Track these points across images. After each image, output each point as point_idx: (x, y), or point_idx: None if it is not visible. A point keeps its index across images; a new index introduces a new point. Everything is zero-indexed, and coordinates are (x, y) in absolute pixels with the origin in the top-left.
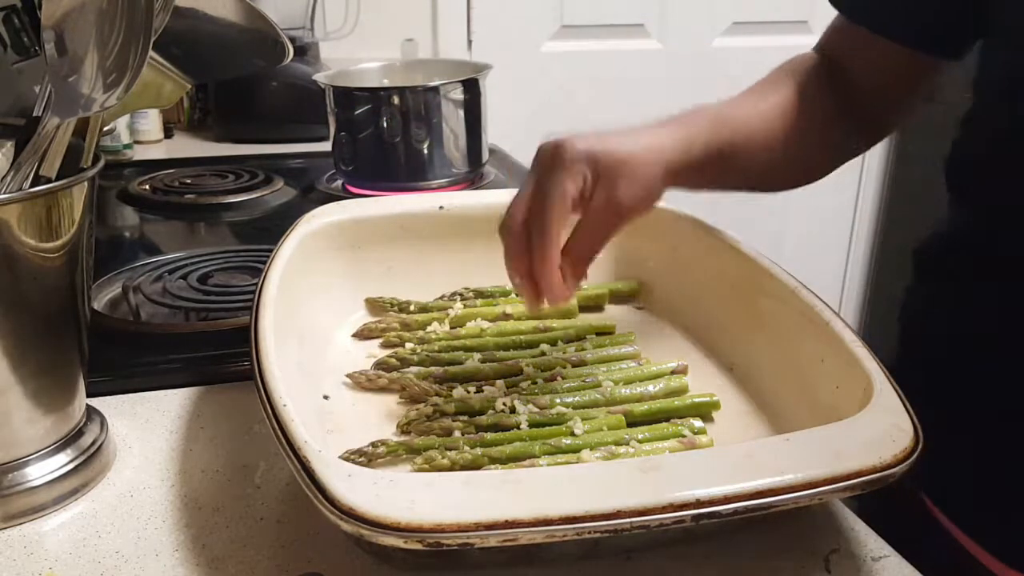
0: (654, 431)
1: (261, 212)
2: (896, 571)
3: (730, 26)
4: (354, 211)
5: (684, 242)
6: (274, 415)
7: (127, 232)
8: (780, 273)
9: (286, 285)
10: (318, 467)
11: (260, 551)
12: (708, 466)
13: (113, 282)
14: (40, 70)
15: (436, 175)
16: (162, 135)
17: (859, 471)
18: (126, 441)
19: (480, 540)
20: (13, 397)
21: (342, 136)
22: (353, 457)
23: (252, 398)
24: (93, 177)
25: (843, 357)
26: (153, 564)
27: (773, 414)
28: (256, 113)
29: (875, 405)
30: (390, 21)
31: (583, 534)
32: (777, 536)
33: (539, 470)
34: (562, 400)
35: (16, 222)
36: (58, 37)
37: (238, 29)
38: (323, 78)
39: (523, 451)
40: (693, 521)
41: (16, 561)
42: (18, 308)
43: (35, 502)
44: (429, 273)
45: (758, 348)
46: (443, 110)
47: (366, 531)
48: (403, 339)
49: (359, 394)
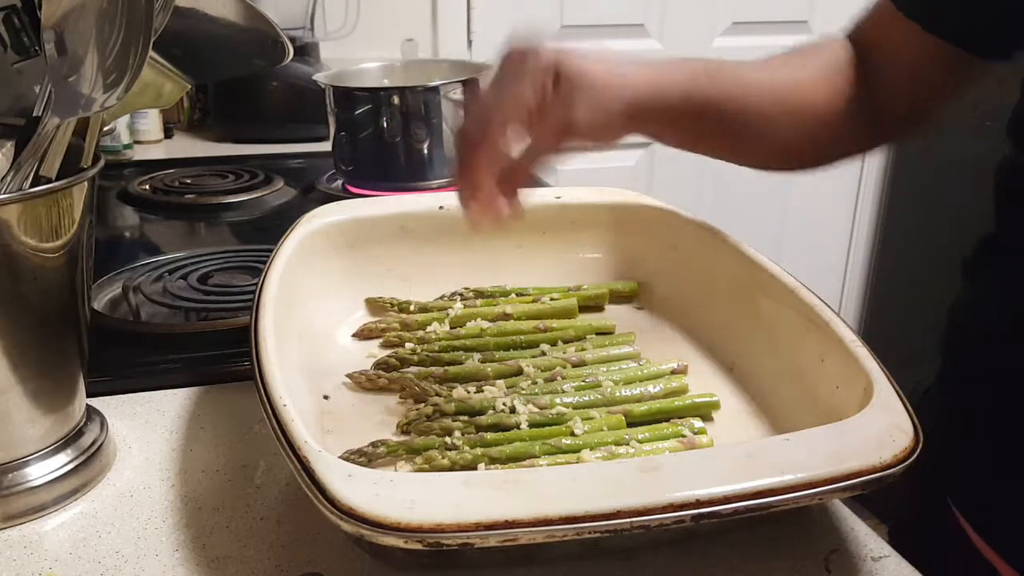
0: (654, 431)
1: (261, 212)
2: (896, 571)
3: (730, 26)
4: (354, 211)
5: (684, 242)
6: (274, 415)
7: (127, 232)
8: (780, 273)
9: (286, 285)
10: (318, 467)
11: (260, 551)
12: (708, 466)
13: (113, 282)
14: (40, 70)
15: (436, 175)
16: (162, 135)
17: (859, 471)
18: (126, 441)
19: (480, 540)
20: (13, 397)
21: (342, 136)
22: (353, 457)
23: (252, 398)
24: (93, 177)
25: (843, 357)
26: (153, 564)
27: (773, 414)
28: (256, 113)
29: (875, 405)
30: (390, 21)
31: (583, 534)
32: (777, 536)
33: (539, 470)
34: (562, 400)
35: (16, 222)
36: (58, 37)
37: (238, 29)
38: (323, 78)
39: (523, 451)
40: (693, 521)
41: (16, 561)
42: (18, 308)
43: (35, 502)
44: (429, 273)
45: (758, 348)
46: (443, 110)
47: (366, 531)
48: (403, 339)
49: (359, 394)
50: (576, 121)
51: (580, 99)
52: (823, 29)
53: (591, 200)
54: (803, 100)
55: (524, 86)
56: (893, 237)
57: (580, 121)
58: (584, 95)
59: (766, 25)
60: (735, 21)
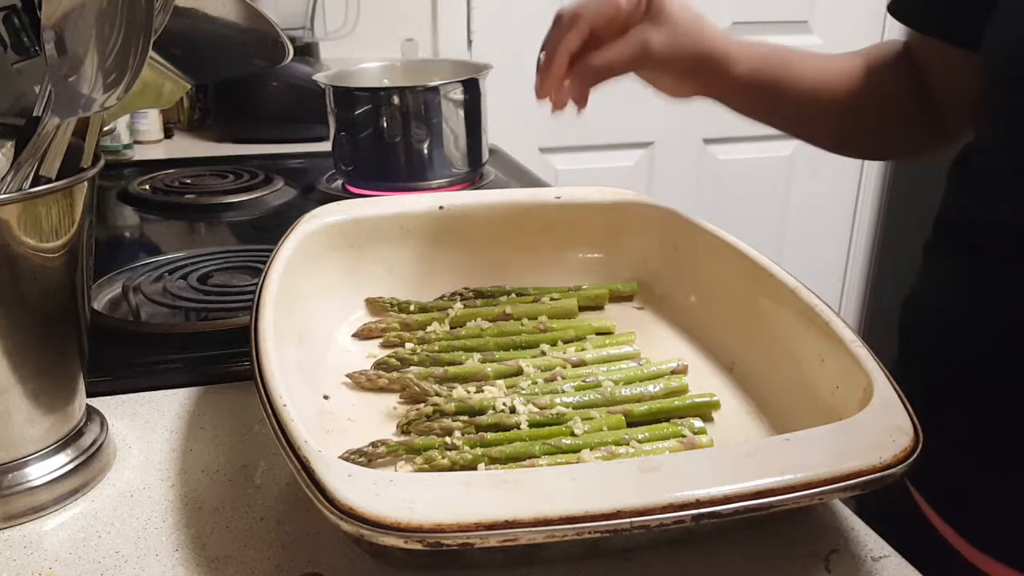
0: (654, 431)
1: (261, 212)
2: (896, 571)
3: (730, 26)
4: (354, 211)
5: (684, 242)
6: (274, 415)
7: (127, 232)
8: (780, 273)
9: (286, 285)
10: (318, 467)
11: (260, 551)
12: (708, 466)
13: (113, 282)
14: (40, 70)
15: (436, 175)
16: (162, 135)
17: (859, 471)
18: (126, 441)
19: (480, 540)
20: (13, 397)
21: (342, 136)
22: (353, 457)
23: (252, 398)
24: (93, 177)
25: (843, 357)
26: (153, 564)
27: (773, 414)
28: (256, 113)
29: (875, 405)
30: (390, 21)
31: (583, 534)
32: (777, 536)
33: (539, 470)
34: (562, 400)
35: (16, 222)
36: (58, 37)
37: (238, 29)
38: (323, 78)
39: (523, 451)
40: (693, 521)
41: (16, 561)
42: (18, 308)
43: (35, 502)
44: (429, 273)
45: (758, 348)
46: (443, 110)
47: (366, 531)
48: (403, 339)
49: (359, 394)
50: (652, 45)
51: (662, 27)
52: (823, 29)
53: (591, 200)
54: (848, 86)
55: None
56: (893, 237)
57: (655, 46)
58: (667, 26)
59: (766, 25)
60: (735, 21)
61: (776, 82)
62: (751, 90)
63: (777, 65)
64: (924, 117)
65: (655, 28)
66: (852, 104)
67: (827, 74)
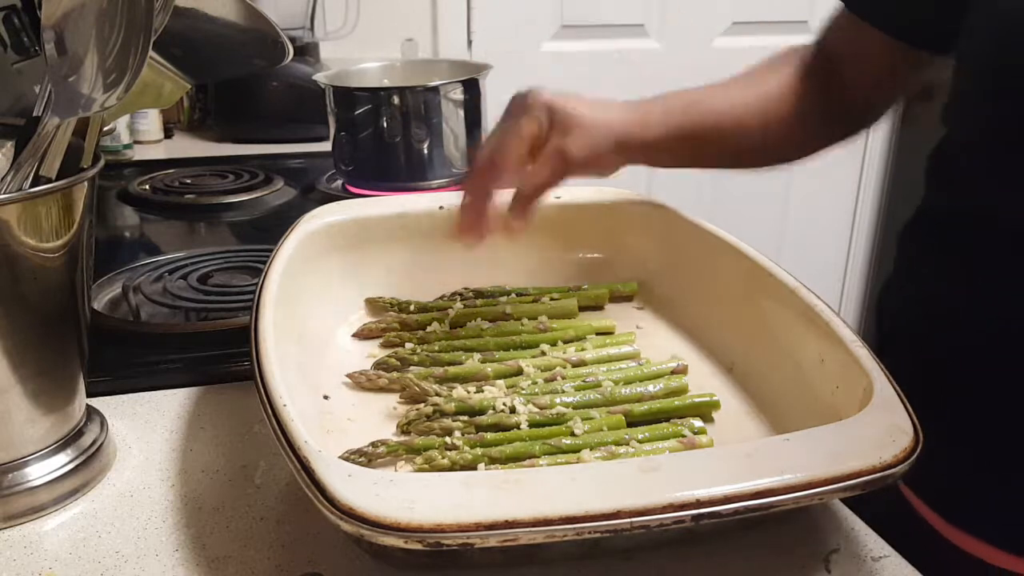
0: (654, 431)
1: (261, 212)
2: (896, 571)
3: (730, 26)
4: (354, 211)
5: (684, 242)
6: (274, 415)
7: (127, 232)
8: (780, 273)
9: (286, 285)
10: (318, 467)
11: (260, 551)
12: (708, 466)
13: (113, 282)
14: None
15: (436, 175)
16: (162, 135)
17: (859, 471)
18: (126, 441)
19: (480, 540)
20: (13, 397)
21: (342, 136)
22: (353, 457)
23: (252, 398)
24: (93, 177)
25: (843, 357)
26: (153, 564)
27: (773, 414)
28: (256, 113)
29: (875, 405)
30: (390, 21)
31: (583, 534)
32: (777, 536)
33: (539, 470)
34: (562, 400)
35: (16, 222)
36: (58, 37)
37: (238, 29)
38: (323, 78)
39: (523, 451)
40: (693, 521)
41: (16, 561)
42: (18, 308)
43: (35, 502)
44: (429, 273)
45: (758, 348)
46: (443, 110)
47: (366, 531)
48: (403, 339)
49: (359, 394)
50: (570, 153)
51: (572, 134)
52: None
53: (591, 200)
54: (776, 110)
55: (526, 123)
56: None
57: (573, 153)
58: (576, 130)
59: (766, 25)
60: (735, 21)
61: (692, 130)
62: (672, 145)
63: (691, 114)
64: (834, 112)
65: (567, 137)
66: (772, 127)
67: (740, 106)
